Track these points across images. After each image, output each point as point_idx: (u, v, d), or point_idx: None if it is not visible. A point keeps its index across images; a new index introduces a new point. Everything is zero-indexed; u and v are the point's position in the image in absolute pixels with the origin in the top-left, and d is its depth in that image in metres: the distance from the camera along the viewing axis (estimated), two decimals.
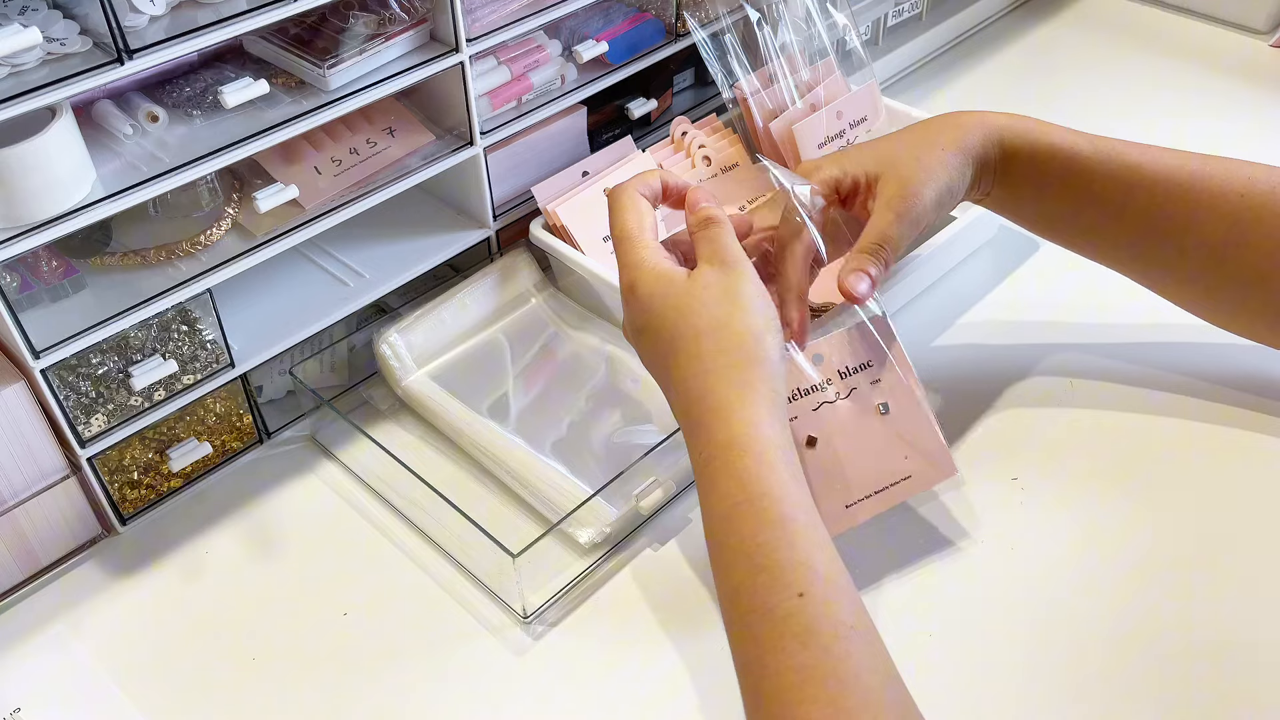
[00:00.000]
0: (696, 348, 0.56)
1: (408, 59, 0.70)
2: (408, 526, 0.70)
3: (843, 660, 0.47)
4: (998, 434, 0.72)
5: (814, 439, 0.62)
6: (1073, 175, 0.67)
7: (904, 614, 0.62)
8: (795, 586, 0.49)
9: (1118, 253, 0.69)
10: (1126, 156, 0.66)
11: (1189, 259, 0.66)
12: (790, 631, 0.48)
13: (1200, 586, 0.63)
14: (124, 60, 0.57)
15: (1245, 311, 0.67)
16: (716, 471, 0.53)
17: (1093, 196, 0.67)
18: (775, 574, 0.49)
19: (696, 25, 0.83)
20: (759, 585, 0.49)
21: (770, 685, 0.47)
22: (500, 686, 0.61)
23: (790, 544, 0.50)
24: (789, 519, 0.51)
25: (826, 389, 0.63)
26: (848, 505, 0.62)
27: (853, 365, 0.64)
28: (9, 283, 0.60)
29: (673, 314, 0.57)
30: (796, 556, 0.50)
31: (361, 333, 0.78)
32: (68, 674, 0.62)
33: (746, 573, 0.50)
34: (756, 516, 0.51)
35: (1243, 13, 1.11)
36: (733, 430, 0.53)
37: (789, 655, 0.47)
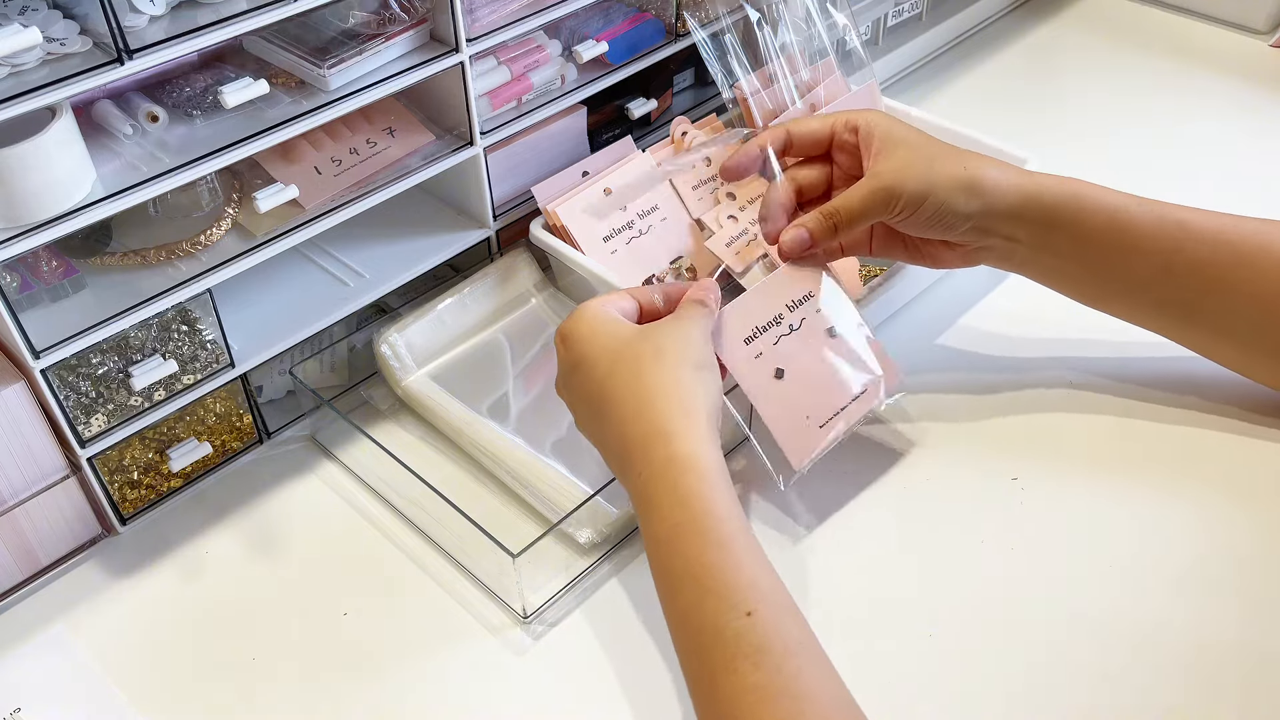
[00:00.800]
0: (637, 368, 0.57)
1: (408, 59, 0.70)
2: (408, 526, 0.70)
3: (795, 678, 0.47)
4: (998, 434, 0.72)
5: (781, 370, 0.66)
6: (1119, 229, 0.66)
7: (903, 614, 0.62)
8: (744, 606, 0.49)
9: (1164, 310, 0.68)
10: (1174, 213, 0.66)
11: (1240, 316, 0.65)
12: (742, 652, 0.48)
13: (1201, 586, 0.63)
14: (124, 60, 0.57)
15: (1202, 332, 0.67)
16: (657, 491, 0.53)
17: (1140, 250, 0.66)
18: (724, 595, 0.50)
19: (696, 25, 0.83)
20: (708, 607, 0.50)
21: (725, 707, 0.47)
22: (500, 686, 0.61)
23: (737, 565, 0.51)
24: (733, 539, 0.52)
25: (781, 322, 0.66)
26: (820, 425, 0.66)
27: (798, 297, 0.68)
28: (9, 283, 0.60)
29: (614, 343, 0.59)
30: (743, 577, 0.50)
31: (361, 333, 0.78)
32: (68, 674, 0.62)
33: (694, 595, 0.50)
34: (701, 536, 0.52)
35: (1243, 13, 1.12)
36: (674, 449, 0.54)
37: (742, 676, 0.47)
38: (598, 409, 0.59)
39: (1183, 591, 0.63)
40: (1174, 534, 0.66)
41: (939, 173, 0.65)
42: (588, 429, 0.61)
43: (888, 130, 0.68)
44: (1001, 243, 0.68)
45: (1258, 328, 0.65)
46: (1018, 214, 0.66)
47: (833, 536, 0.67)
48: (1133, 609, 0.62)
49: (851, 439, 0.73)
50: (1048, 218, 0.66)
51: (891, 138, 0.67)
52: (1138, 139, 0.99)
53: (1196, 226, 0.65)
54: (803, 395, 0.66)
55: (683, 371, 0.58)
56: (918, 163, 0.66)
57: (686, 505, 0.53)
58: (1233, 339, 0.67)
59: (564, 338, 0.61)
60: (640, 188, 0.81)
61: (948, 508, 0.68)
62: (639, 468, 0.55)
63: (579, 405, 0.61)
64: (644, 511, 0.55)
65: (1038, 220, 0.66)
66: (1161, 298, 0.67)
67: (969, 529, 0.67)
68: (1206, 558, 0.64)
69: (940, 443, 0.72)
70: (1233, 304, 0.65)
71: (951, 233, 0.67)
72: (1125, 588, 0.63)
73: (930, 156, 0.66)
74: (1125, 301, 0.69)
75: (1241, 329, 0.66)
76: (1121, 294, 0.68)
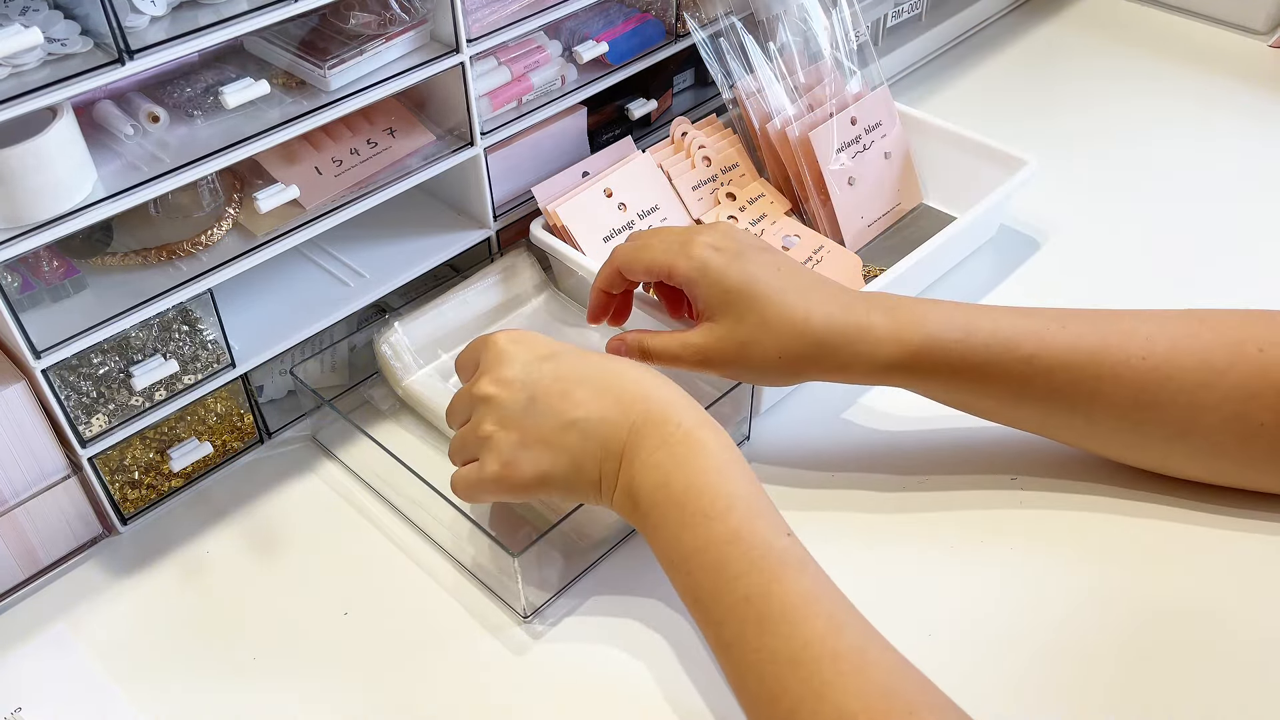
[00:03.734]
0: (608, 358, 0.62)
1: (408, 59, 0.70)
2: (408, 526, 0.70)
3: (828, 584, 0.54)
4: (998, 434, 0.72)
5: (853, 178, 0.83)
6: (968, 378, 0.64)
7: (903, 614, 0.62)
8: (784, 529, 0.55)
9: (1026, 425, 0.67)
10: (1020, 349, 0.63)
11: (1099, 427, 0.64)
12: (789, 562, 0.54)
13: (1201, 586, 0.63)
14: (125, 61, 0.57)
15: (1175, 457, 0.65)
16: (702, 438, 0.57)
17: (990, 391, 0.64)
18: (770, 518, 0.56)
19: (696, 26, 0.83)
20: (760, 525, 0.55)
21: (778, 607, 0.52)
22: (500, 686, 0.61)
23: (763, 497, 0.57)
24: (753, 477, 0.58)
25: (864, 138, 0.85)
26: (869, 225, 0.85)
27: (872, 123, 0.85)
28: (10, 283, 0.60)
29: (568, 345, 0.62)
30: (771, 510, 0.56)
31: (362, 333, 0.78)
32: (68, 674, 0.63)
33: (748, 515, 0.55)
34: (746, 472, 0.57)
35: (1242, 13, 1.12)
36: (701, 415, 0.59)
37: (793, 580, 0.53)
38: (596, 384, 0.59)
39: (1184, 591, 0.63)
40: (1175, 533, 0.66)
41: (758, 357, 0.63)
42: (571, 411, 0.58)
43: (709, 293, 0.64)
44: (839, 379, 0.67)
45: (1117, 430, 0.64)
46: (864, 382, 0.66)
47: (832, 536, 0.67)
48: (1133, 609, 0.62)
49: (851, 438, 0.73)
50: (887, 374, 0.64)
51: (714, 302, 0.64)
52: (1137, 139, 0.99)
53: (1048, 356, 0.62)
54: (861, 200, 0.83)
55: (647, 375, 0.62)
56: (733, 343, 0.63)
57: (731, 448, 0.58)
58: (1096, 440, 0.66)
59: (516, 339, 0.62)
60: (640, 188, 0.81)
61: (948, 508, 0.68)
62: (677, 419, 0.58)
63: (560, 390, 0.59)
64: (683, 452, 0.57)
65: (875, 376, 0.65)
66: (1021, 422, 0.67)
67: (969, 529, 0.67)
68: (1208, 556, 0.64)
69: (940, 443, 0.72)
70: (1091, 417, 0.64)
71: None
72: (1125, 588, 0.63)
73: (751, 339, 0.63)
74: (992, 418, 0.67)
75: (1101, 434, 0.65)
76: (986, 415, 0.67)
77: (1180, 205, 0.91)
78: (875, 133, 0.86)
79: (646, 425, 0.58)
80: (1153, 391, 0.62)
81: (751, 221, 0.82)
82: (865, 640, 0.51)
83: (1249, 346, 0.61)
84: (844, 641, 0.50)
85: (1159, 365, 0.62)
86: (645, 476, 0.57)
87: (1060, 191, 0.92)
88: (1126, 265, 0.86)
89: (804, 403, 0.76)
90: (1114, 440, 0.66)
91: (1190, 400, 0.61)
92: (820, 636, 0.50)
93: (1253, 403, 0.61)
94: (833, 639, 0.50)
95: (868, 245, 0.86)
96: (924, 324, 0.63)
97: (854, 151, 0.84)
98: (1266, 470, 0.64)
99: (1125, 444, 0.66)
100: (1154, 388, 0.62)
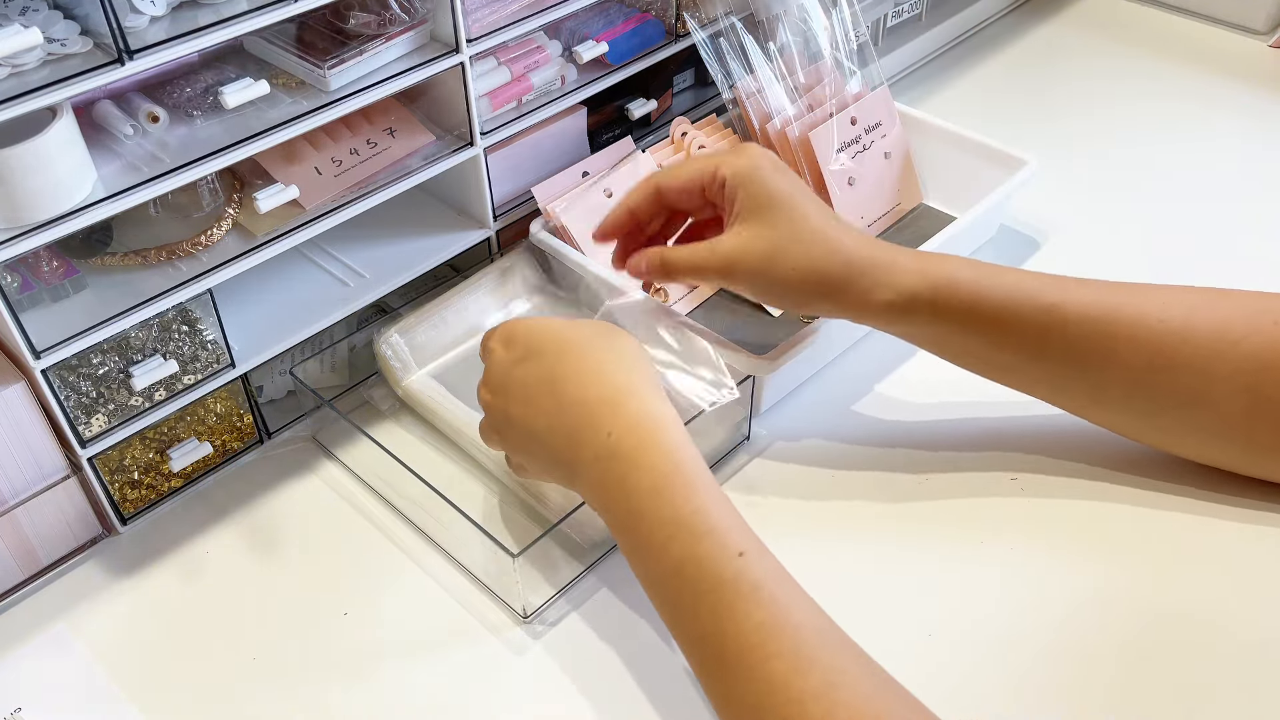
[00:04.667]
0: (590, 345, 0.60)
1: (408, 59, 0.70)
2: (408, 526, 0.70)
3: (791, 607, 0.50)
4: (998, 434, 0.72)
5: (853, 178, 0.83)
6: (980, 323, 0.63)
7: (903, 615, 0.62)
8: (735, 546, 0.51)
9: (1037, 388, 0.67)
10: (1042, 297, 0.63)
11: (1111, 390, 0.64)
12: (741, 592, 0.50)
13: (1202, 587, 0.63)
14: (124, 61, 0.57)
15: (1182, 432, 0.65)
16: (635, 445, 0.55)
17: (1008, 341, 0.64)
18: (717, 537, 0.51)
19: (696, 26, 0.83)
20: (703, 551, 0.51)
21: (733, 649, 0.49)
22: (500, 686, 0.61)
23: (721, 509, 0.53)
24: (712, 484, 0.54)
25: (864, 138, 0.84)
26: (869, 225, 0.84)
27: (872, 123, 0.84)
28: (10, 283, 0.60)
29: (560, 331, 0.61)
30: (727, 520, 0.52)
31: (362, 333, 0.78)
32: (68, 674, 0.63)
33: (688, 542, 0.52)
34: (688, 483, 0.53)
35: (1243, 13, 1.12)
36: (644, 405, 0.56)
37: (746, 616, 0.49)
38: (549, 389, 0.59)
39: (1184, 591, 0.63)
40: (1176, 533, 0.66)
41: (785, 267, 0.62)
42: (532, 421, 0.59)
43: (752, 194, 0.63)
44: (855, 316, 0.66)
45: (1129, 396, 0.64)
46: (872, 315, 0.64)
47: (832, 536, 0.67)
48: (1133, 610, 0.62)
49: (851, 438, 0.73)
50: (905, 314, 0.64)
51: (753, 204, 0.63)
52: (1137, 139, 0.99)
53: (1066, 310, 0.63)
54: (859, 200, 0.82)
55: (631, 341, 0.61)
56: (765, 247, 0.63)
57: (671, 455, 0.54)
58: (1105, 406, 0.66)
59: (506, 338, 0.62)
60: None
61: (948, 508, 0.68)
62: (608, 427, 0.56)
63: (524, 396, 0.60)
64: (619, 468, 0.55)
65: (894, 316, 0.64)
66: (1033, 380, 0.66)
67: (969, 529, 0.67)
68: (1208, 557, 0.64)
69: (940, 443, 0.72)
70: (1104, 379, 0.64)
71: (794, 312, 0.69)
72: (1126, 588, 0.63)
73: (782, 246, 0.62)
74: (997, 378, 0.67)
75: (1114, 397, 0.65)
76: (990, 372, 0.67)
77: (1180, 205, 0.91)
78: (875, 133, 0.86)
79: (583, 433, 0.56)
80: (1167, 354, 0.62)
81: None
82: (833, 675, 0.48)
83: (1266, 319, 0.61)
84: (809, 682, 0.47)
85: (1176, 329, 0.62)
86: (590, 495, 0.57)
87: (1060, 191, 0.92)
88: (1126, 265, 0.86)
89: (804, 403, 0.76)
90: (1124, 407, 0.65)
91: (1204, 367, 0.61)
92: (783, 680, 0.47)
93: (1265, 374, 0.60)
94: (797, 681, 0.47)
95: None
96: (947, 264, 0.64)
97: (854, 151, 0.84)
98: (1270, 453, 0.63)
99: (1135, 412, 0.65)
100: (1169, 350, 0.62)
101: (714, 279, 0.66)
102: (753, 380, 0.71)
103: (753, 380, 0.71)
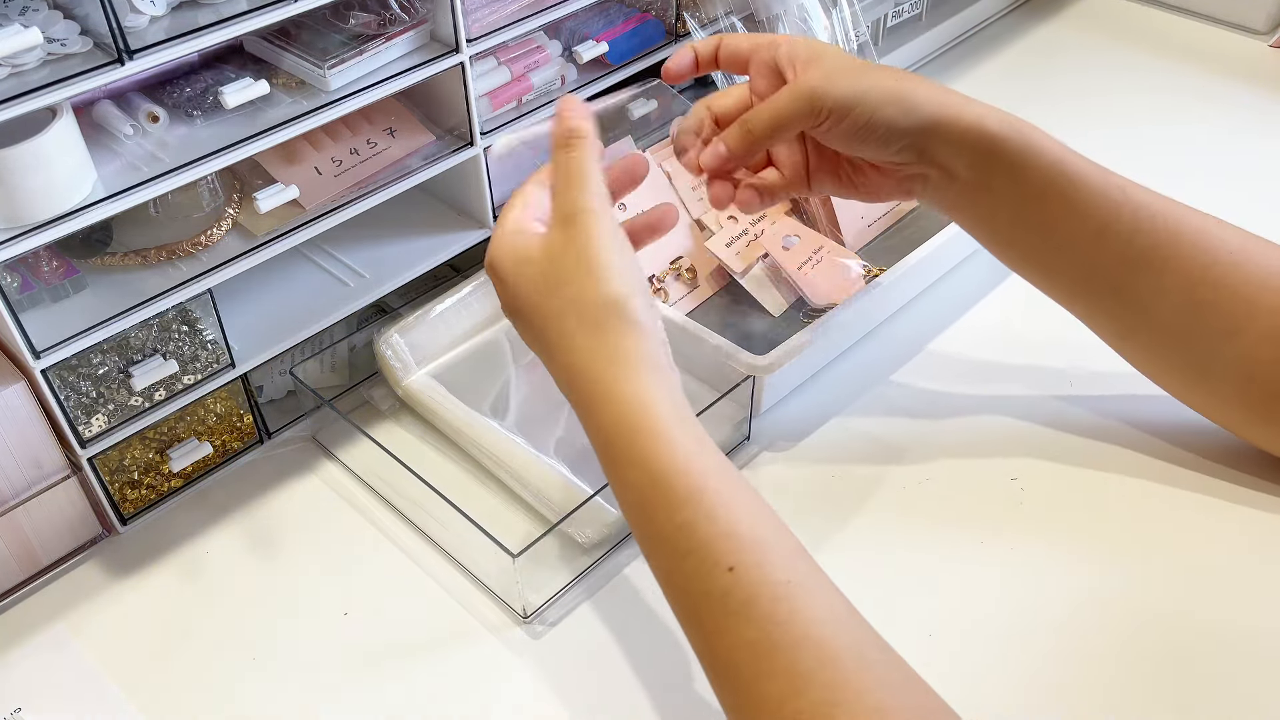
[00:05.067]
0: (561, 326, 0.53)
1: (408, 59, 0.70)
2: (408, 526, 0.70)
3: (788, 623, 0.46)
4: (998, 434, 0.72)
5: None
6: (1062, 178, 0.62)
7: (903, 615, 0.62)
8: (724, 562, 0.47)
9: (1092, 283, 0.64)
10: (1118, 179, 0.63)
11: (1163, 301, 0.62)
12: (729, 609, 0.47)
13: (1201, 586, 0.63)
14: (124, 61, 0.57)
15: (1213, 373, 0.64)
16: (616, 458, 0.51)
17: (1079, 206, 0.62)
18: (702, 554, 0.48)
19: (696, 26, 0.83)
20: (688, 569, 0.48)
21: (724, 667, 0.47)
22: (500, 686, 0.61)
23: (710, 517, 0.48)
24: (700, 490, 0.49)
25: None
26: (869, 225, 0.83)
27: None
28: (9, 283, 0.60)
29: (535, 296, 0.54)
30: (718, 529, 0.48)
31: (362, 333, 0.78)
32: (68, 674, 0.62)
33: (673, 559, 0.49)
34: (667, 499, 0.49)
35: (1243, 13, 1.12)
36: (619, 410, 0.51)
37: (735, 634, 0.46)
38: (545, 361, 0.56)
39: (1184, 591, 0.63)
40: (1176, 533, 0.66)
41: (869, 81, 0.60)
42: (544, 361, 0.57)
43: (814, 47, 0.62)
44: (937, 173, 0.63)
45: (1179, 313, 0.63)
46: (958, 139, 0.61)
47: (832, 536, 0.67)
48: (1133, 610, 0.62)
49: (852, 438, 0.73)
50: (990, 150, 0.61)
51: (817, 51, 0.62)
52: (1137, 139, 0.99)
53: (1138, 195, 0.63)
54: None
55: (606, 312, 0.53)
56: (846, 70, 0.61)
57: (647, 468, 0.50)
58: (1151, 327, 0.64)
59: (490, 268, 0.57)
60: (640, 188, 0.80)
61: (948, 508, 0.68)
62: (593, 430, 0.53)
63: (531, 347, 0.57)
64: (609, 472, 0.53)
65: (978, 150, 0.61)
66: (1092, 267, 0.64)
67: (969, 529, 0.67)
68: (1208, 557, 0.64)
69: (940, 443, 0.72)
70: (1160, 283, 0.62)
71: (885, 150, 0.61)
72: (1126, 588, 0.63)
73: (861, 66, 0.62)
74: (1055, 265, 0.65)
75: (1164, 314, 0.63)
76: (1052, 255, 0.64)
77: None
78: None
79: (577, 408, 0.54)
80: (1224, 269, 0.61)
81: (751, 221, 0.82)
82: (831, 693, 0.44)
83: None
84: (804, 703, 0.44)
85: (1234, 251, 0.62)
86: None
87: None
88: None
89: (804, 403, 0.76)
90: (1167, 328, 0.63)
91: (1252, 295, 0.61)
92: (776, 703, 0.45)
93: None
94: (791, 703, 0.44)
95: (868, 245, 0.86)
96: (1024, 125, 0.63)
97: None
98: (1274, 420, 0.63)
99: (1176, 336, 0.63)
100: (1226, 265, 0.61)
101: (798, 119, 0.61)
102: (753, 380, 0.71)
103: (753, 380, 0.71)
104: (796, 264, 0.79)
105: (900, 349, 0.79)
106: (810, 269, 0.79)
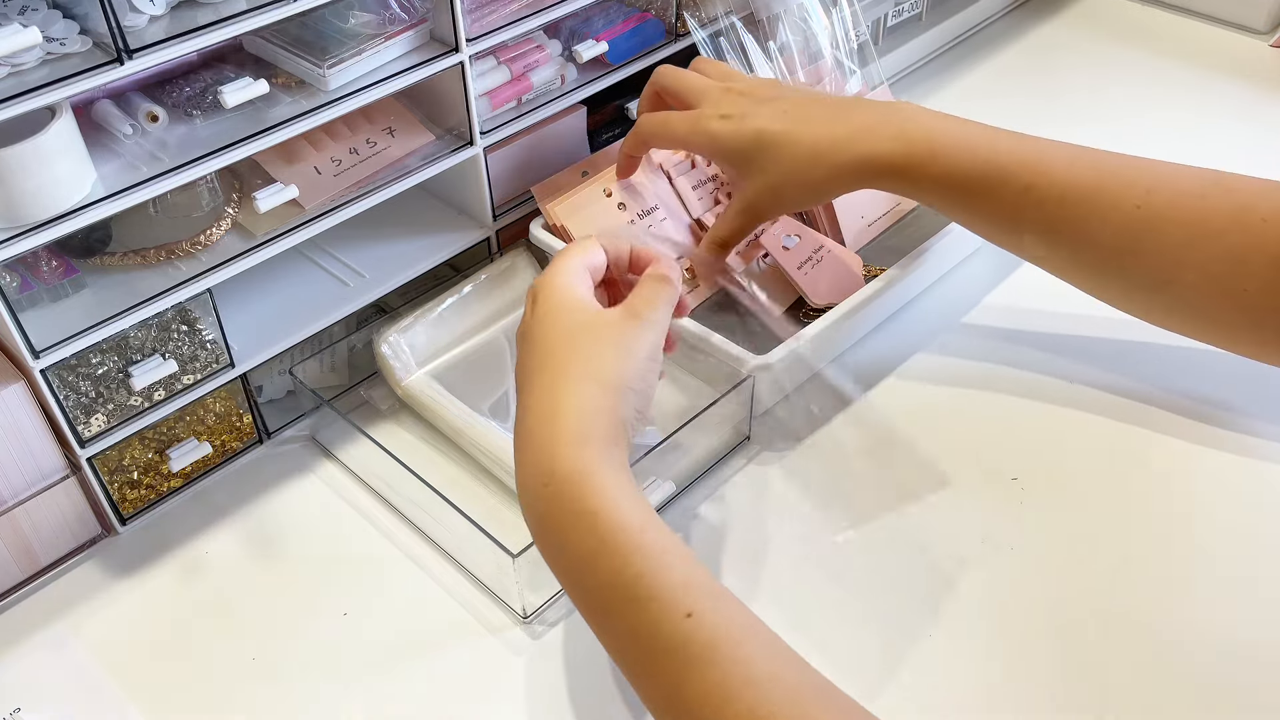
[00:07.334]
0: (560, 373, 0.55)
1: (408, 59, 0.70)
2: (408, 526, 0.70)
3: (750, 663, 0.47)
4: (998, 434, 0.72)
5: None
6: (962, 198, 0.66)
7: (903, 616, 0.62)
8: (683, 608, 0.48)
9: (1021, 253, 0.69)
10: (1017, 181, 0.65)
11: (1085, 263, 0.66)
12: (693, 654, 0.47)
13: (1201, 586, 0.63)
14: (124, 60, 0.57)
15: (1157, 309, 0.66)
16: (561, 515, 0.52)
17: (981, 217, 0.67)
18: (661, 600, 0.48)
19: (696, 25, 0.83)
20: (648, 618, 0.48)
21: (694, 712, 0.47)
22: (500, 686, 0.61)
23: (666, 567, 0.49)
24: (653, 544, 0.50)
25: None
26: (869, 225, 0.84)
27: None
28: (9, 283, 0.60)
29: (560, 338, 0.57)
30: (675, 578, 0.49)
31: (361, 333, 0.78)
32: (67, 674, 0.62)
33: (632, 610, 0.49)
34: (621, 551, 0.50)
35: (1243, 13, 1.12)
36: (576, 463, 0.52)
37: (701, 677, 0.46)
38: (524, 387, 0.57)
39: (1184, 591, 0.63)
40: (1175, 533, 0.66)
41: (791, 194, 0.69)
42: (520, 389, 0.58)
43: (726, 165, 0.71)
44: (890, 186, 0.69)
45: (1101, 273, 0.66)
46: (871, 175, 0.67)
47: (832, 536, 0.67)
48: (1133, 609, 0.62)
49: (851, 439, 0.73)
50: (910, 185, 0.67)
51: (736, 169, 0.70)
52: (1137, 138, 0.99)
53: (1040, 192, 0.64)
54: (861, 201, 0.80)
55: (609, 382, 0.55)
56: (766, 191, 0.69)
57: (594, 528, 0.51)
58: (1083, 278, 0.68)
59: (533, 299, 0.60)
60: (640, 188, 0.81)
61: (948, 507, 0.68)
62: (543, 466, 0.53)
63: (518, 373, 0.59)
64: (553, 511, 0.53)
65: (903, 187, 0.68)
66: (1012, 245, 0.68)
67: (969, 529, 0.67)
68: (1208, 557, 0.64)
69: (940, 442, 0.72)
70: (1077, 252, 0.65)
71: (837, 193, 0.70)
72: (1126, 587, 0.63)
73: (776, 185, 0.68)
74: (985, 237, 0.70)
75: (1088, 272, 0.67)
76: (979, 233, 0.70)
77: None
78: None
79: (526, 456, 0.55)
80: (1136, 237, 0.63)
81: None
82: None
83: (1254, 215, 0.60)
84: None
85: (1150, 218, 0.62)
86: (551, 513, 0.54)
87: None
88: None
89: (804, 403, 0.76)
90: (1100, 280, 0.67)
91: (1175, 257, 0.62)
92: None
93: (1240, 268, 0.60)
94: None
95: (868, 245, 0.86)
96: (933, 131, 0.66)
97: None
98: (1244, 337, 0.64)
99: (1110, 286, 0.67)
100: (1140, 233, 0.62)
101: (751, 227, 0.72)
102: (753, 380, 0.71)
103: (753, 380, 0.71)
104: (796, 264, 0.79)
105: (900, 349, 0.79)
106: (810, 269, 0.79)
